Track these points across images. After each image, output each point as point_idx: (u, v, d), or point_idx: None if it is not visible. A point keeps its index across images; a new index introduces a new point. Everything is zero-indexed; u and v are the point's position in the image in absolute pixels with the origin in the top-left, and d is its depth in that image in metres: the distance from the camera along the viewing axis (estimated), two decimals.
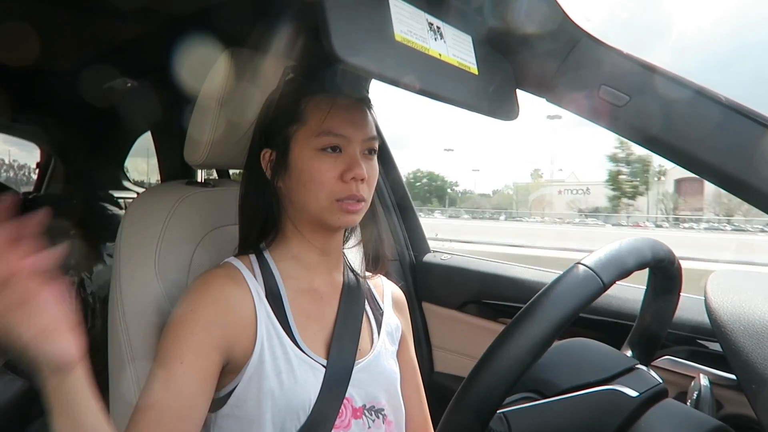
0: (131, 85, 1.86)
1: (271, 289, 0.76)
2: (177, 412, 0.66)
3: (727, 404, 0.93)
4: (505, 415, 0.56)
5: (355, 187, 0.73)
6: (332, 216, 0.74)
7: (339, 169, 0.73)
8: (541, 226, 40.72)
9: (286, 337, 0.73)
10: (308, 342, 0.75)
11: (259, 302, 0.74)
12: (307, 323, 0.77)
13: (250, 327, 0.72)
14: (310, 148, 0.73)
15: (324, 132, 0.73)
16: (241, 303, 0.73)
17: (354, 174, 0.72)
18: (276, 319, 0.74)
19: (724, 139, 0.61)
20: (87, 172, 2.25)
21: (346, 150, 0.74)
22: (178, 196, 0.88)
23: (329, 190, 0.73)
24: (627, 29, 24.87)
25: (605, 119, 0.68)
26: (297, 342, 0.74)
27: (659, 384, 0.64)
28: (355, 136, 0.74)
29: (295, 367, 0.72)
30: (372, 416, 0.79)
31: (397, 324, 0.89)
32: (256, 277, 0.76)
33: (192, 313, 0.71)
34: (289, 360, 0.72)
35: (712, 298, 0.61)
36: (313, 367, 0.73)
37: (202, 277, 0.75)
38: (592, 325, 1.11)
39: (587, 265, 0.54)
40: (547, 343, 0.49)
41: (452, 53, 0.66)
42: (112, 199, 2.09)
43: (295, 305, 0.77)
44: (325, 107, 0.73)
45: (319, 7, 0.50)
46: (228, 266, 0.77)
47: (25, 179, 3.64)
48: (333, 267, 0.83)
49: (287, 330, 0.74)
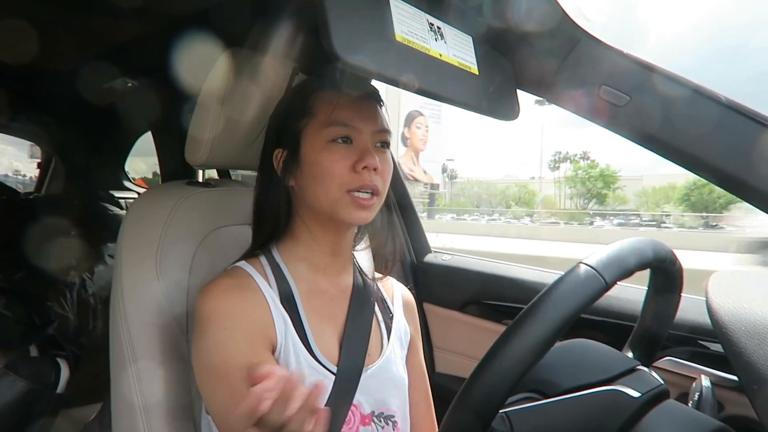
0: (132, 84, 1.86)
1: (285, 294, 0.74)
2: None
3: (728, 405, 0.93)
4: (507, 415, 0.55)
5: (368, 177, 0.71)
6: (344, 210, 0.72)
7: (351, 160, 0.71)
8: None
9: (300, 344, 0.72)
10: (321, 346, 0.74)
11: (275, 309, 0.72)
12: (320, 326, 0.75)
13: (270, 332, 0.71)
14: (320, 141, 0.72)
15: (333, 122, 0.72)
16: (260, 313, 0.71)
17: (366, 163, 0.71)
18: (292, 325, 0.73)
19: (724, 139, 0.61)
20: (87, 172, 2.25)
21: (357, 141, 0.73)
22: (179, 197, 0.88)
23: (341, 182, 0.71)
24: (604, 33, 25.36)
25: (605, 119, 0.68)
26: (311, 348, 0.73)
27: (661, 385, 0.64)
28: (365, 127, 0.73)
29: (307, 377, 0.71)
30: (381, 423, 0.78)
31: (407, 328, 0.88)
32: (269, 281, 0.75)
33: (223, 344, 0.67)
34: (301, 369, 0.71)
35: (714, 298, 0.61)
36: (323, 376, 0.72)
37: (211, 297, 0.70)
38: (593, 325, 1.11)
39: (590, 265, 0.54)
40: (549, 343, 0.49)
41: (452, 53, 0.66)
42: (113, 200, 2.09)
43: (308, 308, 0.75)
44: (334, 99, 0.72)
45: (319, 7, 0.50)
46: (238, 272, 0.75)
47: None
48: (342, 269, 0.82)
49: (302, 336, 0.73)
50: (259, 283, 0.73)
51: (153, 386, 0.79)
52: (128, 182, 2.43)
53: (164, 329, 0.81)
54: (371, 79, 0.79)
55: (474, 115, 0.73)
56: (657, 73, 0.64)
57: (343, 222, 0.74)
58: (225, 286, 0.72)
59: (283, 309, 0.73)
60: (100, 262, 1.80)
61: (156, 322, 0.81)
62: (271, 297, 0.73)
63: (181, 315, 0.82)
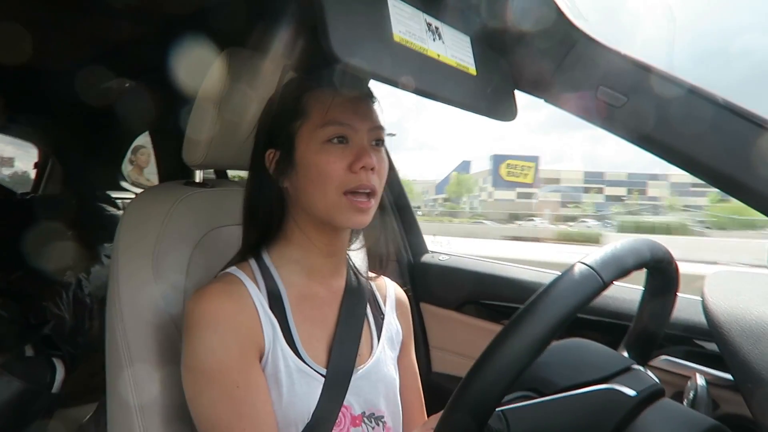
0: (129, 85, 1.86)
1: (274, 298, 0.74)
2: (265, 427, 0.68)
3: (723, 404, 0.94)
4: (503, 413, 0.56)
5: (365, 177, 0.70)
6: (341, 214, 0.71)
7: (347, 160, 0.70)
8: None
9: (288, 348, 0.72)
10: (310, 350, 0.74)
11: (264, 314, 0.72)
12: (310, 330, 0.75)
13: (258, 338, 0.71)
14: (315, 142, 0.71)
15: (329, 122, 0.71)
16: (248, 318, 0.71)
17: (363, 163, 0.70)
18: (279, 330, 0.72)
19: (722, 140, 0.61)
20: (85, 173, 2.24)
21: (353, 140, 0.72)
22: (177, 197, 0.88)
23: (338, 183, 0.70)
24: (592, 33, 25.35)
25: (602, 120, 0.69)
26: (299, 352, 0.73)
27: (656, 384, 0.64)
28: (360, 125, 0.72)
29: (296, 381, 0.71)
30: (371, 423, 0.78)
31: (398, 329, 0.88)
32: (259, 285, 0.74)
33: (212, 348, 0.68)
34: (290, 373, 0.71)
35: (710, 298, 0.61)
36: (313, 378, 0.72)
37: (202, 302, 0.70)
38: (589, 325, 1.12)
39: (587, 264, 0.54)
40: (547, 341, 0.49)
41: (450, 54, 0.66)
42: (110, 200, 2.09)
43: (297, 313, 0.75)
44: (328, 99, 0.71)
45: (317, 7, 0.50)
46: (228, 278, 0.74)
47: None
48: (335, 270, 0.82)
49: (289, 340, 0.73)
50: (249, 288, 0.73)
51: (149, 386, 0.79)
52: (125, 182, 2.42)
53: (160, 329, 0.81)
54: (369, 79, 0.79)
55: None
56: (654, 74, 0.64)
57: (340, 226, 0.74)
58: (215, 291, 0.72)
59: (272, 314, 0.73)
60: (96, 262, 1.80)
61: (152, 322, 0.81)
62: (260, 302, 0.72)
63: (177, 315, 0.82)
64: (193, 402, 0.70)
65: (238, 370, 0.68)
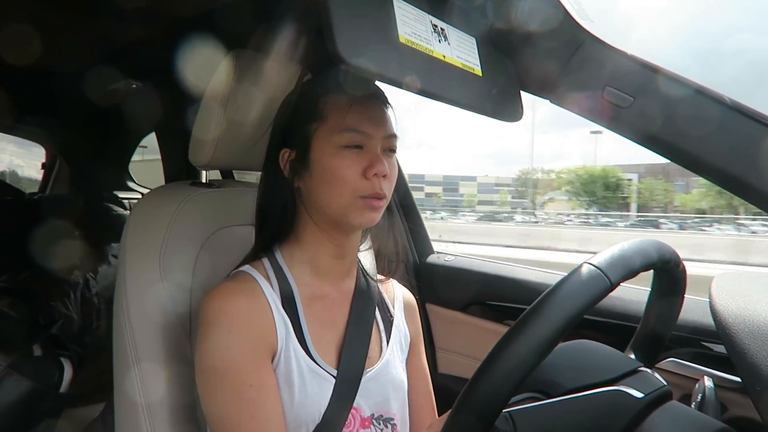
0: (136, 86, 1.87)
1: (287, 298, 0.75)
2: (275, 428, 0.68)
3: (731, 407, 0.93)
4: (510, 415, 0.55)
5: (378, 184, 0.72)
6: (355, 214, 0.72)
7: (361, 166, 0.72)
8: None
9: (300, 348, 0.72)
10: (321, 351, 0.74)
11: (277, 313, 0.72)
12: (320, 331, 0.76)
13: (271, 337, 0.71)
14: (332, 146, 0.72)
15: (346, 129, 0.72)
16: (262, 316, 0.71)
17: (377, 170, 0.71)
18: (292, 330, 0.73)
19: (728, 141, 0.61)
20: (91, 173, 2.26)
21: (367, 147, 0.73)
22: (183, 197, 0.88)
23: (353, 188, 0.71)
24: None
25: (609, 120, 0.68)
26: (310, 353, 0.73)
27: (664, 386, 0.64)
28: (376, 133, 0.73)
29: (307, 381, 0.72)
30: (381, 425, 0.78)
31: (407, 331, 0.88)
32: (272, 284, 0.75)
33: (226, 347, 0.69)
34: (302, 373, 0.72)
35: (717, 300, 0.61)
36: (324, 379, 0.73)
37: (216, 300, 0.71)
38: (595, 326, 1.11)
39: (595, 265, 0.53)
40: (554, 342, 0.49)
41: (456, 55, 0.66)
42: (117, 200, 2.10)
43: (309, 313, 0.75)
44: (345, 104, 0.72)
45: (323, 9, 0.50)
46: (242, 277, 0.74)
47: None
48: (346, 271, 0.82)
49: (301, 340, 0.73)
50: (263, 286, 0.73)
51: (156, 386, 0.80)
52: (132, 183, 2.44)
53: (168, 329, 0.81)
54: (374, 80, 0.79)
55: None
56: (661, 74, 0.64)
57: (352, 225, 0.75)
58: (230, 290, 0.72)
59: (285, 313, 0.73)
60: (103, 262, 1.81)
61: (159, 322, 0.81)
62: (274, 301, 0.73)
63: (184, 315, 0.82)
64: (205, 401, 0.70)
65: (250, 370, 0.68)
